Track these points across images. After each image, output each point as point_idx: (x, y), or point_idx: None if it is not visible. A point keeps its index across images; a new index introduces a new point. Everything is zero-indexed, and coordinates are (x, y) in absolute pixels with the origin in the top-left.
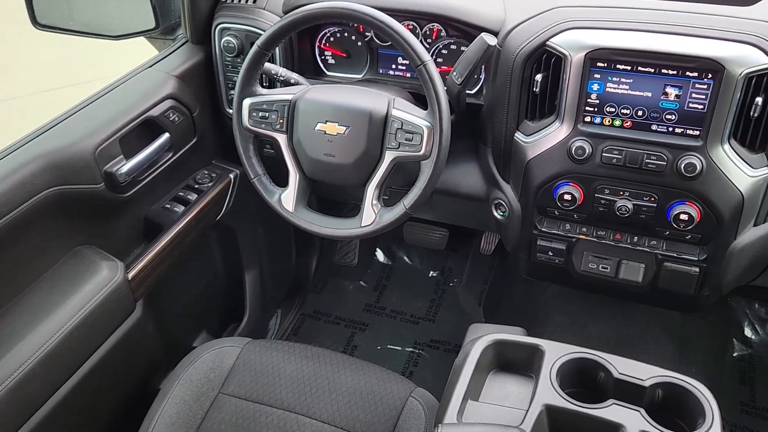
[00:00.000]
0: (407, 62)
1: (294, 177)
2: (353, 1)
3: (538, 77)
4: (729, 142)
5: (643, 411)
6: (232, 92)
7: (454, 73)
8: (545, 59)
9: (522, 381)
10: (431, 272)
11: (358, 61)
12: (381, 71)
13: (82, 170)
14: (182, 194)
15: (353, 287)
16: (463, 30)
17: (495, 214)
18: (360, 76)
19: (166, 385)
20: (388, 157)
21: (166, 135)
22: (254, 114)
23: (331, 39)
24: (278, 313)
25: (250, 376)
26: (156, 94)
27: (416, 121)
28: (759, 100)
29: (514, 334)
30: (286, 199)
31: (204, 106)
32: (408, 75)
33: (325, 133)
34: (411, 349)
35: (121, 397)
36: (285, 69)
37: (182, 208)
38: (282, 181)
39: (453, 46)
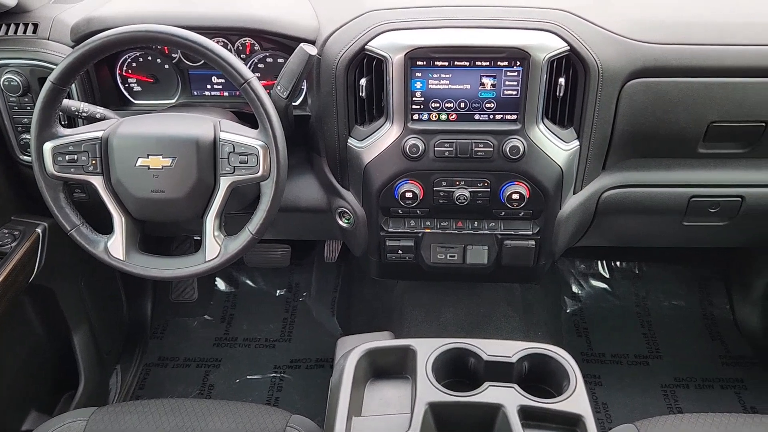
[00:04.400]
0: (223, 81)
1: (119, 221)
2: (156, 22)
3: (363, 81)
4: (543, 122)
5: (516, 386)
6: (24, 137)
7: (278, 87)
8: (367, 63)
9: (399, 384)
10: (278, 291)
11: (168, 86)
12: (195, 93)
13: None
14: None
15: (198, 323)
16: (278, 42)
17: (340, 222)
18: (173, 101)
19: None
20: (224, 183)
21: None
22: (59, 158)
23: (134, 65)
24: (118, 369)
25: None
26: None
27: (249, 142)
28: (562, 80)
29: (383, 340)
30: (114, 247)
31: None
32: (226, 94)
33: (149, 168)
34: (272, 374)
35: None
36: (87, 104)
37: None
38: (104, 228)
39: (269, 59)
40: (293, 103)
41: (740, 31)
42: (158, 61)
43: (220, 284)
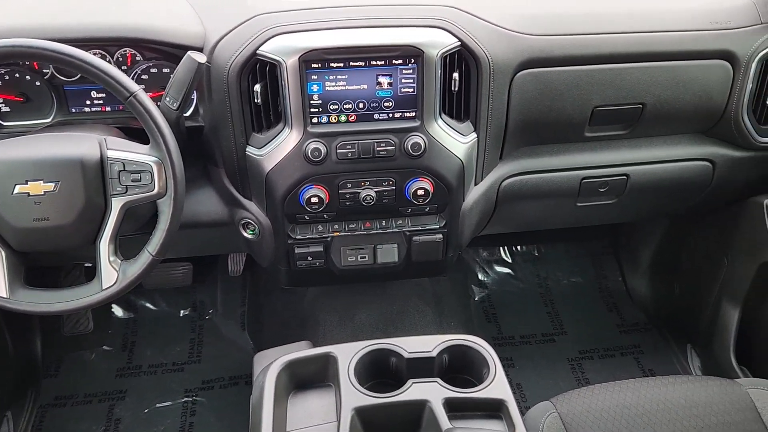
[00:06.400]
0: (104, 95)
1: None
2: (23, 36)
3: (257, 87)
4: (441, 117)
5: (439, 380)
6: None
7: (167, 98)
8: (259, 68)
9: (322, 393)
10: (182, 311)
11: (41, 104)
12: (73, 110)
13: None
14: None
15: (96, 355)
16: (162, 51)
17: (244, 234)
18: (48, 121)
19: None
20: (116, 204)
21: None
22: None
23: None
24: (8, 416)
25: None
26: None
27: (140, 159)
28: (456, 75)
29: (301, 350)
30: None
31: None
32: (108, 109)
33: (29, 195)
34: (183, 399)
35: None
36: None
37: None
38: None
39: (153, 70)
40: (184, 114)
41: (616, 20)
42: (27, 77)
43: (117, 311)
